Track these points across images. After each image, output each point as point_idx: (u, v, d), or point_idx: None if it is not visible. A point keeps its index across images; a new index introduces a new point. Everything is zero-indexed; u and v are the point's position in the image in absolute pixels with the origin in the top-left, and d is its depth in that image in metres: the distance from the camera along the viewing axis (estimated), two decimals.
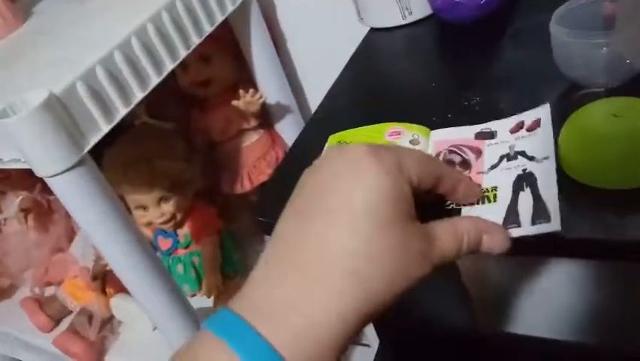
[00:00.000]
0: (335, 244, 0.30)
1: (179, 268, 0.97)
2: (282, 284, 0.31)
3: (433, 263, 0.32)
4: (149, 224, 0.94)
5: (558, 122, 0.45)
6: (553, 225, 0.35)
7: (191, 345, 0.31)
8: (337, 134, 0.51)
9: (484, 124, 0.47)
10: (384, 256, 0.30)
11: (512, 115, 0.46)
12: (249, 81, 0.94)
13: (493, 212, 0.38)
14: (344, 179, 0.32)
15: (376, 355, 1.00)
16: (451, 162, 0.44)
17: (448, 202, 0.40)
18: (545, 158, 0.40)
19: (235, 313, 0.30)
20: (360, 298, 0.30)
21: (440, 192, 0.37)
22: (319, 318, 0.29)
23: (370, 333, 1.19)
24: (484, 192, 0.40)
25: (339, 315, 0.30)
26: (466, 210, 0.40)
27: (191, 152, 0.97)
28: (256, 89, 0.91)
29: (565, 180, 0.39)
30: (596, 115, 0.40)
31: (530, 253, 0.39)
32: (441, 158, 0.45)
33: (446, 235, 0.34)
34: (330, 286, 0.30)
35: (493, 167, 0.42)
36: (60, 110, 0.56)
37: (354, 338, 0.31)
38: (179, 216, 0.95)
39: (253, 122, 0.96)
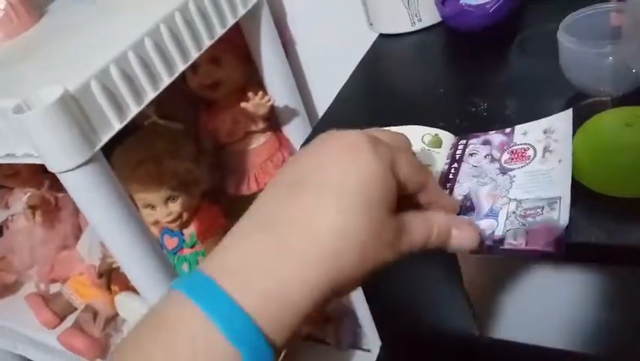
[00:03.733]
0: (319, 219, 0.31)
1: (185, 267, 0.98)
2: (258, 246, 0.31)
3: (400, 252, 0.34)
4: (155, 223, 0.95)
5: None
6: None
7: (161, 307, 0.31)
8: None
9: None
10: (362, 239, 0.32)
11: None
12: (257, 84, 0.95)
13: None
14: (340, 159, 0.33)
15: (377, 359, 1.00)
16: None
17: None
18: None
19: (206, 275, 0.31)
20: (332, 274, 0.31)
21: (420, 202, 0.38)
22: (290, 286, 0.30)
23: (371, 338, 1.19)
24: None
25: (310, 286, 0.30)
26: None
27: (198, 152, 0.98)
28: (265, 92, 0.92)
29: (577, 188, 0.40)
30: (610, 124, 0.41)
31: (538, 258, 0.40)
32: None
33: (417, 227, 0.35)
34: (306, 257, 0.31)
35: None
36: (74, 107, 0.57)
37: (318, 310, 0.31)
38: (185, 216, 0.96)
39: (261, 125, 0.97)
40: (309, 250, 0.31)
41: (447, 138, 0.49)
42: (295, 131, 1.00)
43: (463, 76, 0.62)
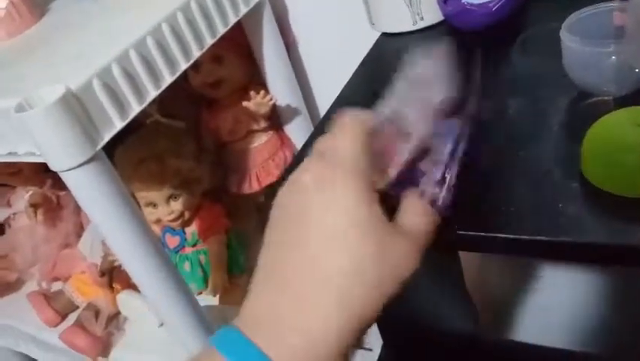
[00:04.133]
0: (323, 265, 0.32)
1: (186, 265, 0.98)
2: (279, 303, 0.32)
3: (418, 259, 0.34)
4: (157, 221, 0.95)
5: (569, 128, 0.46)
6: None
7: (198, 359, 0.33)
8: None
9: None
10: (369, 267, 0.32)
11: None
12: (259, 83, 0.95)
13: None
14: (319, 201, 0.33)
15: (378, 359, 1.00)
16: None
17: None
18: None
19: (239, 330, 0.32)
20: (354, 312, 0.32)
21: None
22: (317, 336, 0.31)
23: (373, 337, 1.19)
24: None
25: (335, 331, 0.31)
26: None
27: (200, 151, 0.98)
28: (267, 91, 0.92)
29: (586, 186, 0.40)
30: (619, 124, 0.41)
31: (547, 257, 0.40)
32: None
33: (416, 225, 0.36)
34: (324, 306, 0.32)
35: None
36: (76, 106, 0.57)
37: (352, 347, 0.32)
38: (187, 215, 0.96)
39: (262, 124, 0.97)
40: (324, 298, 0.32)
41: None
42: (297, 130, 1.00)
43: (466, 75, 0.62)
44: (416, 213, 0.36)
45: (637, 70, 0.45)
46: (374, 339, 1.20)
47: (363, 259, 0.32)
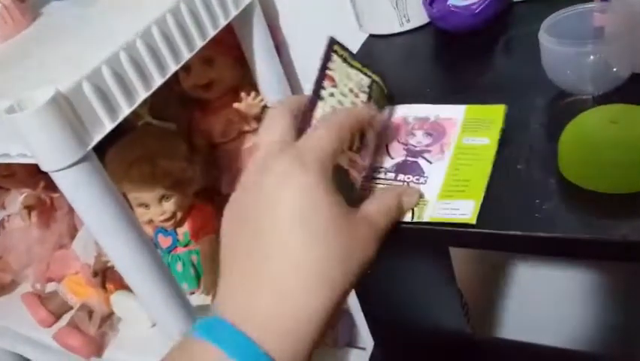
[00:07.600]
0: (292, 251, 0.34)
1: (179, 266, 0.99)
2: (258, 295, 0.34)
3: (377, 243, 0.37)
4: (149, 222, 0.96)
5: (547, 127, 0.47)
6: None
7: (186, 352, 0.34)
8: None
9: None
10: (338, 252, 0.34)
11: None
12: (250, 84, 0.96)
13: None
14: (278, 195, 0.35)
15: (371, 357, 1.01)
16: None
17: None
18: None
19: (226, 320, 0.33)
20: (327, 293, 0.34)
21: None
22: (300, 318, 0.33)
23: (365, 336, 1.20)
24: None
25: (315, 313, 0.33)
26: None
27: (192, 152, 0.99)
28: (257, 92, 0.93)
29: (563, 183, 0.41)
30: (595, 122, 0.42)
31: (524, 251, 0.41)
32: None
33: (378, 213, 0.39)
34: (301, 290, 0.34)
35: None
36: (66, 108, 0.58)
37: (327, 330, 0.35)
38: (179, 215, 0.96)
39: (254, 125, 0.98)
40: (300, 285, 0.34)
41: None
42: None
43: (450, 75, 0.63)
44: (380, 209, 0.39)
45: (614, 69, 0.46)
46: (368, 339, 1.20)
47: (332, 244, 0.34)
